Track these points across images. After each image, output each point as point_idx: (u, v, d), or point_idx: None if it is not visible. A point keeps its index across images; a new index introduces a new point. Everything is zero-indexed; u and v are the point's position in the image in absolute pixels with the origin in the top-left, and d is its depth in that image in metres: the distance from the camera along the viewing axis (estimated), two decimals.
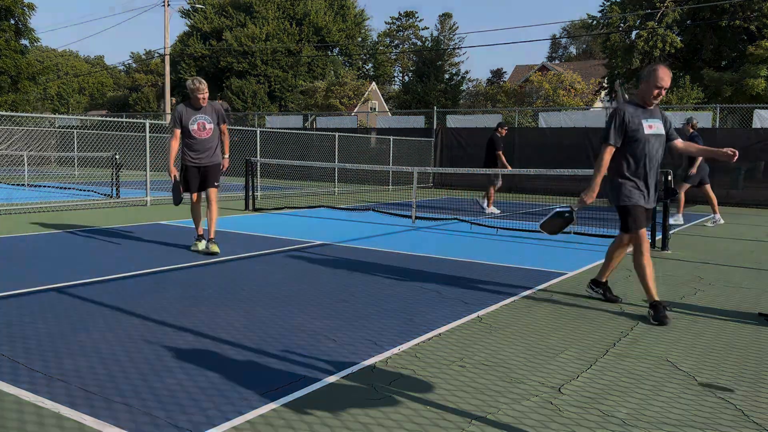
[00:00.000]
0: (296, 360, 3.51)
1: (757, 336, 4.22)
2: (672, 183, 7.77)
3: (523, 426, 2.75)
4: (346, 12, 45.30)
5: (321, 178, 21.49)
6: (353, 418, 2.78)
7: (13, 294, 4.89)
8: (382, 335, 4.01)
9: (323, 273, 6.00)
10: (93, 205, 12.26)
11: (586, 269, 6.54)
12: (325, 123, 24.95)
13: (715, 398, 3.12)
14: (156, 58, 54.33)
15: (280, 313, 4.50)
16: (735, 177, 16.33)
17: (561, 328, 4.31)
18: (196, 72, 42.07)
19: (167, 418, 2.71)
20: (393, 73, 57.95)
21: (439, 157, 21.28)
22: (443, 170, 10.87)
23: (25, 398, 2.90)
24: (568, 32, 67.80)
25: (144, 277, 5.63)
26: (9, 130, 23.41)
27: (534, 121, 27.85)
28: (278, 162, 13.53)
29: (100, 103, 57.54)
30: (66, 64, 62.15)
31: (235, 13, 41.96)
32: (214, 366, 3.38)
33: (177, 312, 4.45)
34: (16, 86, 30.38)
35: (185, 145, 7.09)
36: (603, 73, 32.49)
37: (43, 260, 6.34)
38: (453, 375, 3.36)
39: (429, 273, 6.12)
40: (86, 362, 3.40)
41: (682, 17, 24.71)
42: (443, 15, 62.43)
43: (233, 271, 5.96)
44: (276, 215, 11.25)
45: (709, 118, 17.08)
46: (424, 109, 30.86)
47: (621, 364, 3.60)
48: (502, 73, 61.81)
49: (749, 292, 5.64)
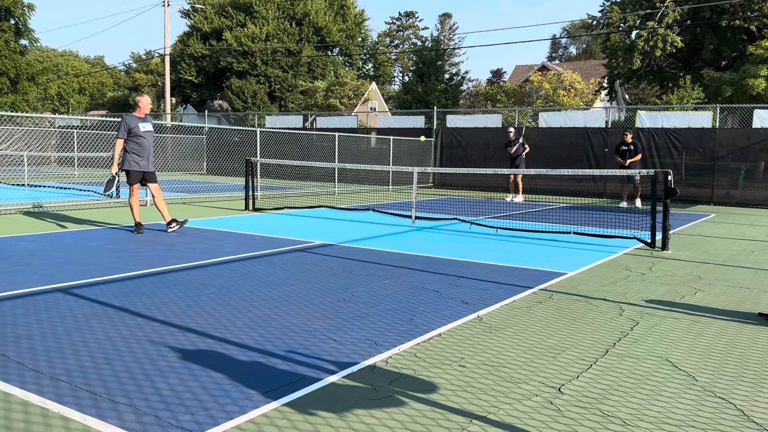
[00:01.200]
0: (297, 359, 3.53)
1: (758, 336, 4.23)
2: (672, 183, 7.78)
3: (524, 426, 2.76)
4: (346, 12, 45.29)
5: (321, 178, 21.50)
6: (357, 419, 2.79)
7: (13, 294, 4.90)
8: (382, 335, 4.03)
9: (323, 273, 6.01)
10: (93, 205, 12.27)
11: (586, 269, 6.55)
12: (325, 123, 24.96)
13: (716, 398, 3.14)
14: (156, 58, 54.34)
15: (281, 312, 4.52)
16: (735, 177, 16.35)
17: (561, 328, 4.32)
18: (197, 72, 42.07)
19: (172, 418, 2.73)
20: (393, 73, 57.99)
21: (439, 157, 21.30)
22: (443, 170, 10.88)
23: (30, 400, 2.92)
24: (568, 32, 67.79)
25: (145, 277, 5.65)
26: (9, 130, 23.41)
27: (534, 121, 27.87)
28: (278, 162, 13.54)
29: (100, 103, 57.52)
30: (66, 64, 62.13)
31: (235, 13, 41.95)
32: (217, 365, 3.40)
33: (180, 312, 4.46)
34: (15, 87, 30.38)
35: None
36: (603, 73, 32.51)
37: (43, 260, 6.35)
38: (454, 375, 3.37)
39: (429, 273, 6.13)
40: (91, 363, 3.41)
41: (682, 17, 24.72)
42: (443, 15, 62.48)
43: (234, 272, 5.97)
44: (276, 215, 11.26)
45: (709, 118, 17.09)
46: (424, 109, 30.86)
47: (622, 364, 3.62)
48: (502, 73, 61.82)
49: (749, 292, 5.65)
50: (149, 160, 8.63)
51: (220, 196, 13.82)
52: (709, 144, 16.62)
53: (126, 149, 8.47)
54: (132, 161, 8.48)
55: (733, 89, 22.45)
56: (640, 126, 17.72)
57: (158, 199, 8.74)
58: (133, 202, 8.66)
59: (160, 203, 8.72)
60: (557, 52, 77.02)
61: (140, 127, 8.45)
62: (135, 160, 8.48)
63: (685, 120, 17.29)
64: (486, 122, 21.08)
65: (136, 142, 8.45)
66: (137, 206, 8.69)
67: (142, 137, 8.47)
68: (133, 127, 8.41)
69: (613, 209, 13.69)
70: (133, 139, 8.43)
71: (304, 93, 40.37)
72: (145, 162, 8.57)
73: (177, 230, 8.69)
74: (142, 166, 8.55)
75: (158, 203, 8.73)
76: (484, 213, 12.47)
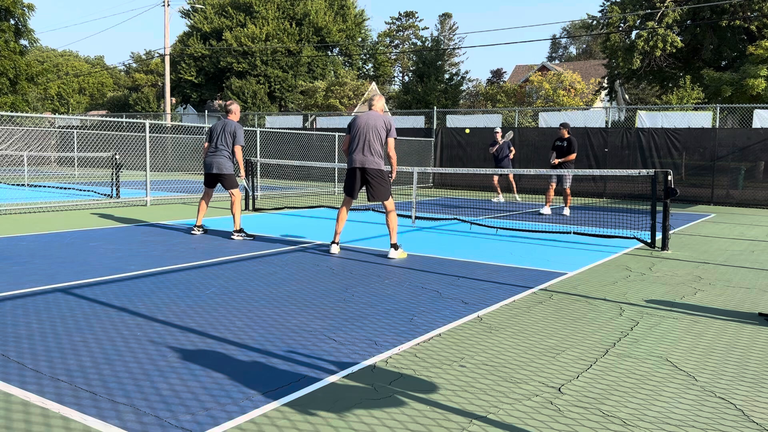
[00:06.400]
0: (297, 359, 3.53)
1: (758, 336, 4.24)
2: (672, 183, 7.78)
3: (525, 426, 2.76)
4: (346, 12, 45.28)
5: (321, 178, 21.50)
6: (358, 419, 2.79)
7: (13, 294, 4.90)
8: (382, 335, 4.03)
9: (323, 273, 6.02)
10: (93, 205, 12.27)
11: (586, 269, 6.55)
12: (325, 123, 24.96)
13: (716, 398, 3.14)
14: (156, 58, 54.33)
15: (281, 312, 4.52)
16: (735, 177, 16.35)
17: (561, 328, 4.33)
18: (197, 72, 42.07)
19: (172, 418, 2.73)
20: (393, 73, 57.98)
21: (439, 157, 21.30)
22: (443, 170, 10.87)
23: (31, 400, 2.92)
24: (568, 32, 67.79)
25: (145, 277, 5.65)
26: (9, 130, 23.41)
27: (534, 121, 27.87)
28: (278, 162, 13.55)
29: (100, 103, 57.52)
30: (66, 65, 62.13)
31: (235, 13, 41.95)
32: (218, 365, 3.40)
33: (180, 312, 4.47)
34: (14, 87, 30.38)
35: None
36: (603, 73, 32.52)
37: (43, 260, 6.35)
38: (454, 375, 3.37)
39: (429, 273, 6.13)
40: (91, 363, 3.41)
41: (682, 17, 24.72)
42: (443, 15, 62.52)
43: (234, 271, 5.97)
44: (276, 215, 11.26)
45: (709, 118, 17.10)
46: (424, 109, 30.86)
47: (622, 364, 3.62)
48: (502, 73, 61.86)
49: (749, 292, 5.65)
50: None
51: (220, 196, 13.82)
52: (709, 144, 16.62)
53: (227, 155, 8.29)
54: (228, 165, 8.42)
55: (733, 89, 22.45)
56: (640, 126, 17.72)
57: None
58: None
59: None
60: (557, 52, 77.04)
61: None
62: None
63: (685, 120, 17.29)
64: (486, 122, 21.09)
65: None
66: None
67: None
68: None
69: (613, 209, 13.69)
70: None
71: (304, 93, 40.37)
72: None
73: (242, 238, 8.20)
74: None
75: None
76: (484, 213, 12.47)
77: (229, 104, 8.43)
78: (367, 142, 6.98)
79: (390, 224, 7.06)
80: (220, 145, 8.24)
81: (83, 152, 23.04)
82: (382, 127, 7.02)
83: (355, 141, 7.06)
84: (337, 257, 6.92)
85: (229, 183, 8.33)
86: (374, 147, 6.99)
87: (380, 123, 7.03)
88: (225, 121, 8.31)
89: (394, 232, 7.04)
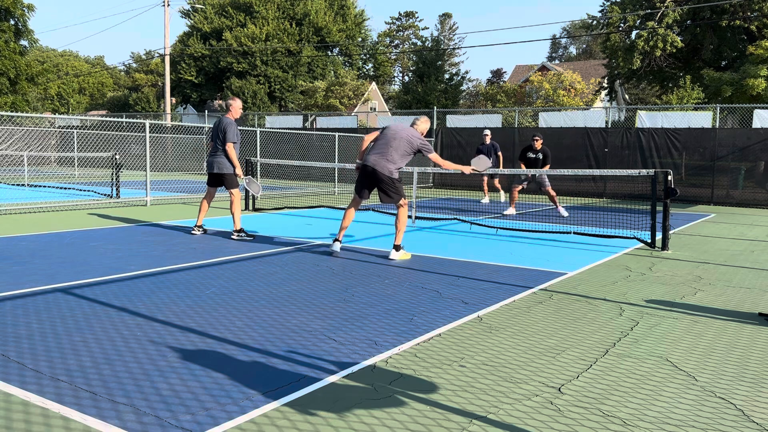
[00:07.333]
0: (297, 359, 3.53)
1: (758, 336, 4.23)
2: (672, 183, 7.78)
3: (525, 426, 2.76)
4: (346, 12, 45.29)
5: (321, 178, 21.50)
6: (357, 419, 2.79)
7: (13, 294, 4.90)
8: (382, 335, 4.03)
9: (323, 273, 6.01)
10: (93, 205, 12.27)
11: (586, 269, 6.55)
12: (325, 123, 24.96)
13: (716, 398, 3.14)
14: (156, 58, 54.35)
15: (281, 312, 4.52)
16: (735, 177, 16.35)
17: (561, 328, 4.32)
18: (197, 72, 42.07)
19: (172, 418, 2.73)
20: (393, 73, 58.00)
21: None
22: (443, 170, 10.86)
23: (31, 400, 2.92)
24: (568, 32, 67.79)
25: (145, 277, 5.65)
26: (9, 130, 23.41)
27: (534, 121, 27.86)
28: (278, 162, 13.55)
29: (100, 103, 57.53)
30: (66, 65, 62.14)
31: (235, 13, 41.95)
32: (218, 365, 3.40)
33: (180, 312, 4.46)
34: (14, 87, 30.38)
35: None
36: (603, 73, 32.52)
37: (43, 260, 6.35)
38: (454, 375, 3.37)
39: (429, 273, 6.13)
40: (91, 363, 3.41)
41: (682, 17, 24.72)
42: (443, 15, 62.53)
43: (234, 271, 5.97)
44: (276, 215, 11.26)
45: (709, 118, 17.09)
46: (424, 109, 30.86)
47: (622, 364, 3.62)
48: (502, 73, 61.88)
49: (749, 292, 5.65)
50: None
51: (220, 197, 13.82)
52: (709, 144, 16.62)
53: (227, 154, 8.14)
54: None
55: (733, 89, 22.45)
56: (640, 126, 17.72)
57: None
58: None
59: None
60: (557, 52, 77.05)
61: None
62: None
63: (685, 120, 17.29)
64: (486, 122, 21.08)
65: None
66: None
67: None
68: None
69: (613, 209, 13.69)
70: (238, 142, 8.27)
71: (304, 93, 40.38)
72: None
73: (242, 239, 8.17)
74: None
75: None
76: (484, 213, 12.47)
77: (230, 100, 8.37)
78: (389, 148, 6.90)
79: (396, 224, 7.06)
80: (218, 144, 8.22)
81: (83, 152, 23.04)
82: (411, 141, 6.93)
83: (379, 142, 7.01)
84: (337, 257, 6.92)
85: (229, 183, 8.31)
86: (392, 155, 6.90)
87: (414, 139, 6.96)
88: (220, 119, 8.30)
89: (399, 234, 7.02)
